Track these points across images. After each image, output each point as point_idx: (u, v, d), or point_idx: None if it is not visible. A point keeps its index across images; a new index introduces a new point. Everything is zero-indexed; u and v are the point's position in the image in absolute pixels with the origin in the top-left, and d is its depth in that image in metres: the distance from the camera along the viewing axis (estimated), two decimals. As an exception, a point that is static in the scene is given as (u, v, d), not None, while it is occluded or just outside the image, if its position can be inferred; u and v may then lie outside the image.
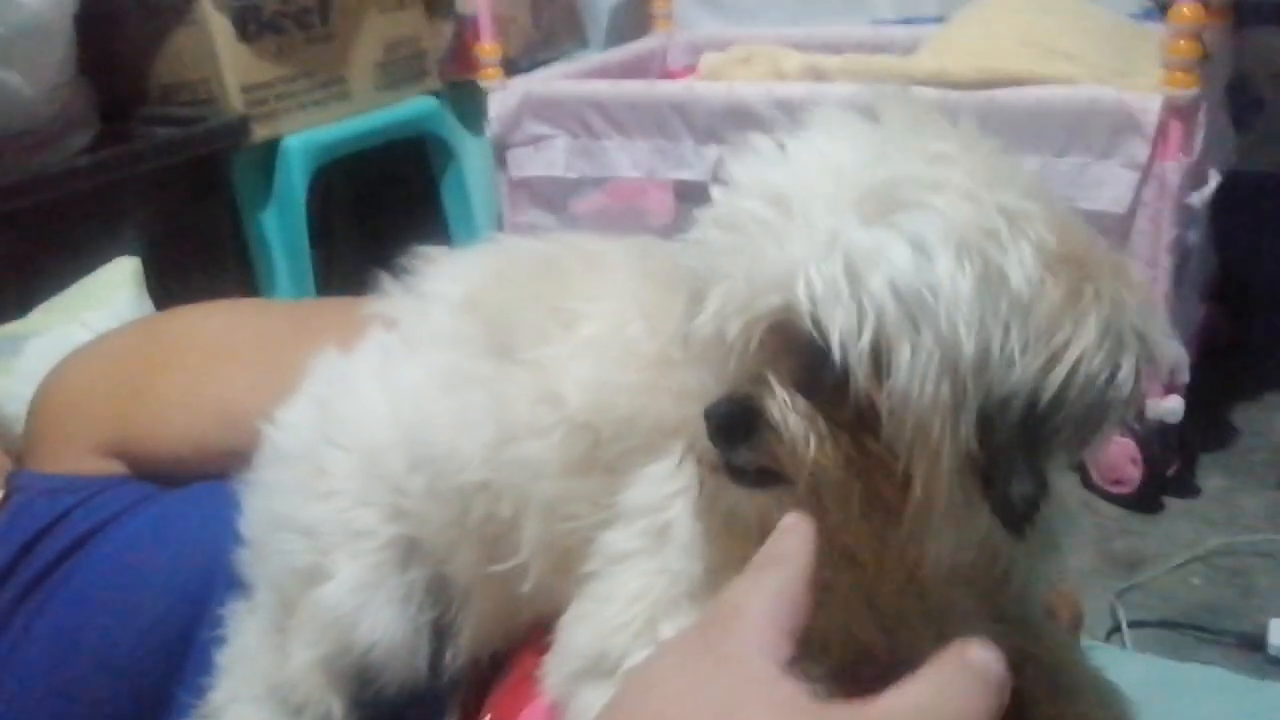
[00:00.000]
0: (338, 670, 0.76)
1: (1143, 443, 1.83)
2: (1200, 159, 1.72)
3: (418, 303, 0.80)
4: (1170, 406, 1.79)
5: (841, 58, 1.99)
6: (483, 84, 2.14)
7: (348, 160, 2.10)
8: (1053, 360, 0.53)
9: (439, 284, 0.79)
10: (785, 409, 0.56)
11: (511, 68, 2.21)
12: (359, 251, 2.39)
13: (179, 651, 0.86)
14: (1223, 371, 2.15)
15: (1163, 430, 1.82)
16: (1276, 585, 1.66)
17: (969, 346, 0.52)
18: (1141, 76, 1.73)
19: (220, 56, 1.86)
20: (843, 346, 0.53)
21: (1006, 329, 0.53)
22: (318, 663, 0.76)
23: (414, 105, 2.22)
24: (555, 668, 0.66)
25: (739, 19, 2.59)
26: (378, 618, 0.75)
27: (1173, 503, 1.89)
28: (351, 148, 2.09)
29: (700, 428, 0.58)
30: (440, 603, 0.77)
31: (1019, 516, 0.56)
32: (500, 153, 2.17)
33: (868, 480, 0.56)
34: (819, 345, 0.53)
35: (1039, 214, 0.55)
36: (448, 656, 0.78)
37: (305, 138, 1.99)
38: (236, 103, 1.88)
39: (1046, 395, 0.53)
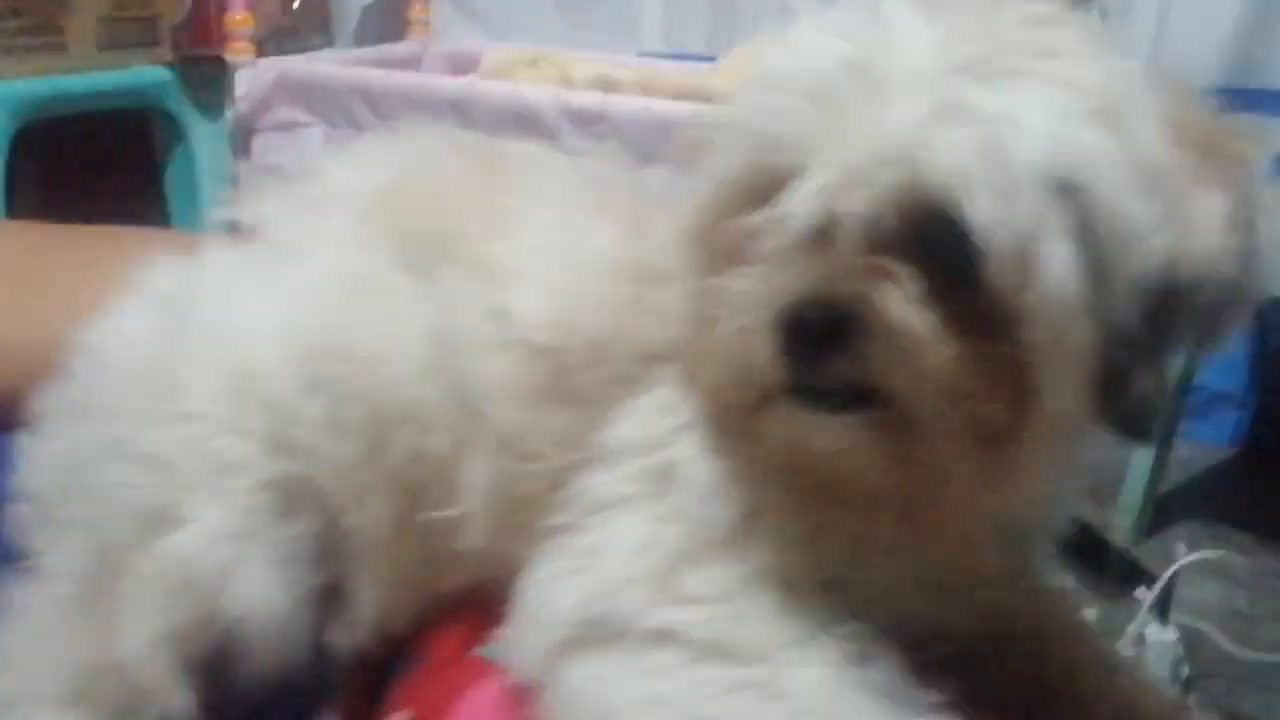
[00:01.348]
0: (189, 649, 0.57)
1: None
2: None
3: (308, 201, 0.64)
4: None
5: (633, 70, 1.92)
6: (230, 59, 1.90)
7: (59, 124, 1.79)
8: (1186, 235, 0.47)
9: (339, 179, 0.65)
10: (902, 305, 0.46)
11: (258, 48, 1.98)
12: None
13: None
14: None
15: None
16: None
17: (1117, 228, 0.45)
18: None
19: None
20: (985, 230, 0.44)
21: (1144, 204, 0.46)
22: (162, 638, 0.56)
23: (141, 73, 1.94)
24: (529, 640, 0.53)
25: (501, 35, 2.47)
26: (251, 578, 0.56)
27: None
28: (64, 108, 1.79)
29: (755, 341, 0.47)
30: (330, 564, 0.59)
31: (1143, 419, 0.49)
32: (243, 138, 1.93)
33: (988, 396, 0.46)
34: (945, 232, 0.45)
35: (1155, 79, 0.49)
36: (335, 633, 0.60)
37: (7, 87, 1.68)
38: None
39: (1180, 274, 0.47)
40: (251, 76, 1.90)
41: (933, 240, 0.46)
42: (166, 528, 0.57)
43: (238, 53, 1.90)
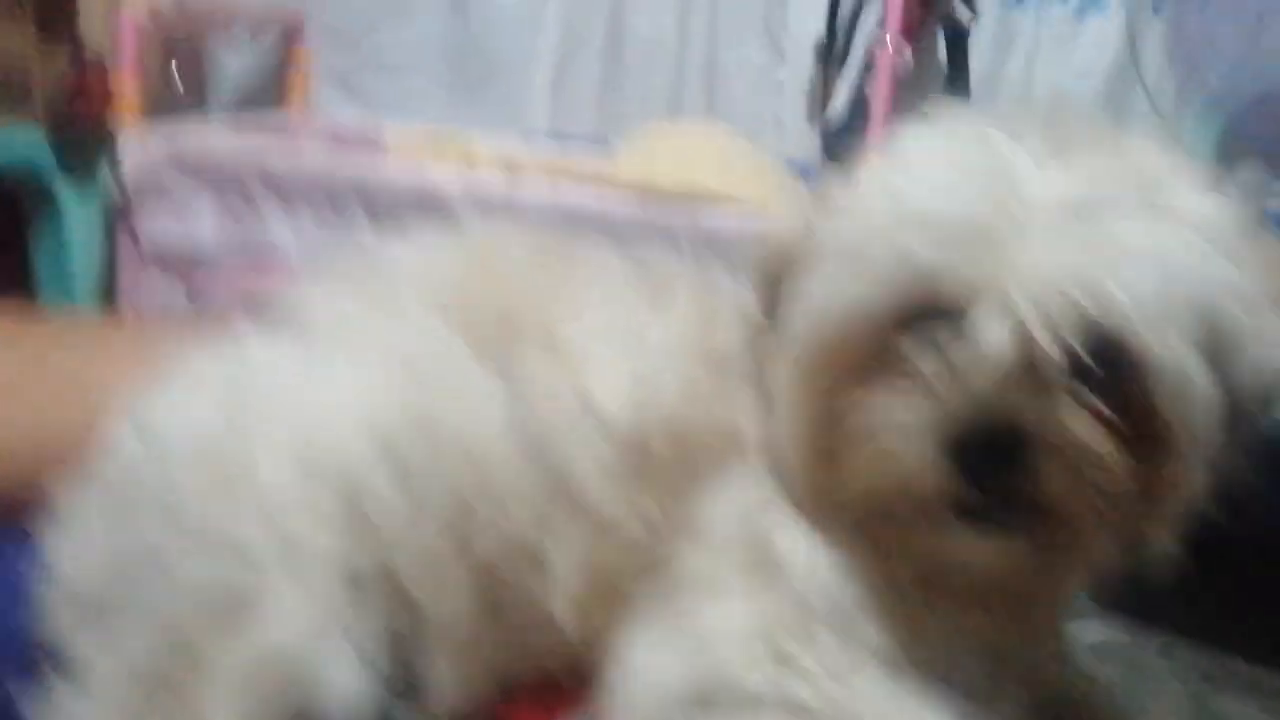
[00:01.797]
0: None
1: None
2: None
3: (361, 295, 0.63)
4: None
5: (541, 158, 1.92)
6: (114, 128, 1.81)
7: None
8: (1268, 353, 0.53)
9: (408, 268, 0.65)
10: (1077, 424, 0.50)
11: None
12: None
13: None
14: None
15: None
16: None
17: (1246, 348, 0.52)
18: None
19: None
20: (1161, 358, 0.50)
21: (1264, 323, 0.53)
22: None
23: (10, 136, 1.82)
24: (637, 702, 0.55)
25: (379, 108, 2.44)
26: (336, 672, 0.54)
27: None
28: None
29: (928, 459, 0.51)
30: (407, 649, 0.58)
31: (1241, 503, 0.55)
32: (122, 211, 1.84)
33: (1142, 507, 0.53)
34: (1123, 358, 0.50)
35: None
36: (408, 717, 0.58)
37: None
38: None
39: (1258, 387, 0.54)
40: (140, 146, 1.81)
41: (1109, 367, 0.50)
42: (246, 619, 0.54)
43: (125, 120, 1.81)
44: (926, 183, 0.53)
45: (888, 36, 1.77)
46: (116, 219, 1.84)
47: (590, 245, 0.69)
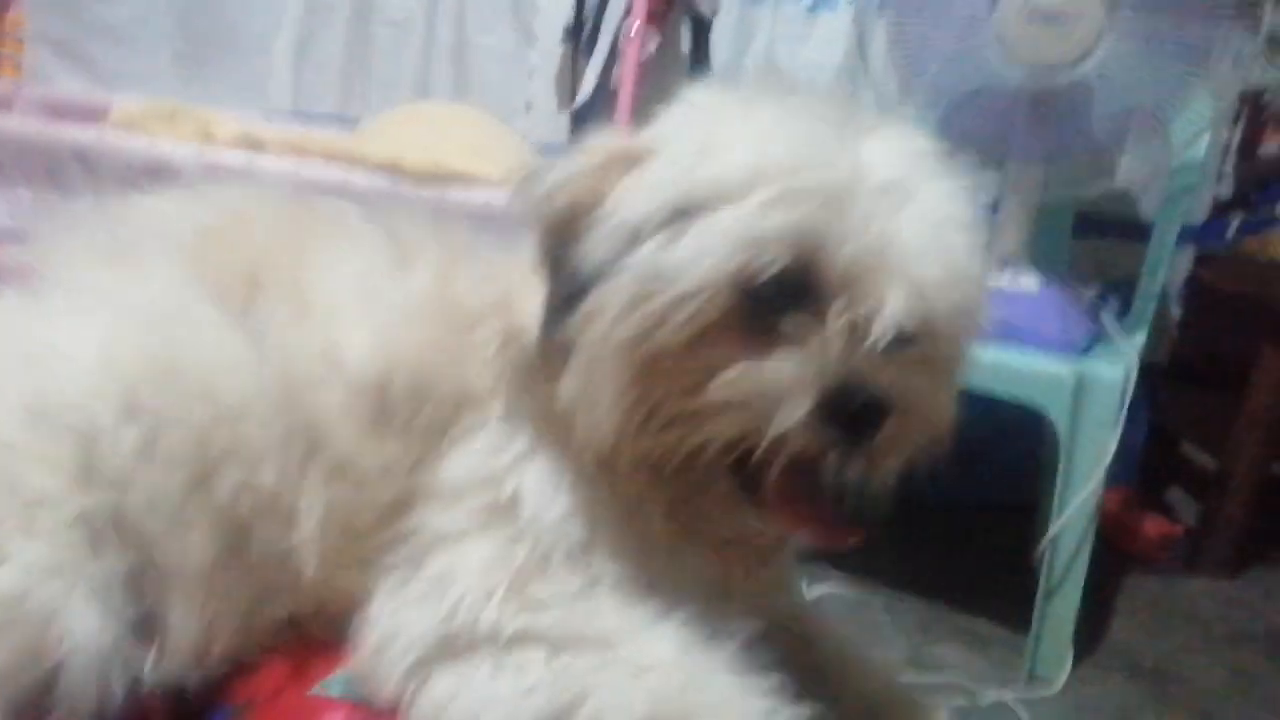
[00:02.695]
0: (12, 689, 0.53)
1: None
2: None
3: (118, 240, 0.61)
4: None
5: (278, 131, 1.86)
6: None
7: None
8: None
9: (154, 220, 0.62)
10: (922, 387, 0.58)
11: None
12: None
13: None
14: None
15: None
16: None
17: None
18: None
19: None
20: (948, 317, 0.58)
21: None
22: None
23: None
24: (385, 666, 0.56)
25: (108, 83, 2.29)
26: (74, 616, 0.53)
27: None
28: None
29: (804, 420, 0.54)
30: (146, 596, 0.57)
31: None
32: None
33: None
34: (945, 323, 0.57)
35: None
36: (149, 669, 0.57)
37: None
38: None
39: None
40: None
41: (933, 330, 0.58)
42: None
43: None
44: (781, 145, 0.56)
45: (635, 24, 1.81)
46: None
47: (339, 208, 0.68)
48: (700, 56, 2.03)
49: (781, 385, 0.54)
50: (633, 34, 1.81)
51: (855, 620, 1.96)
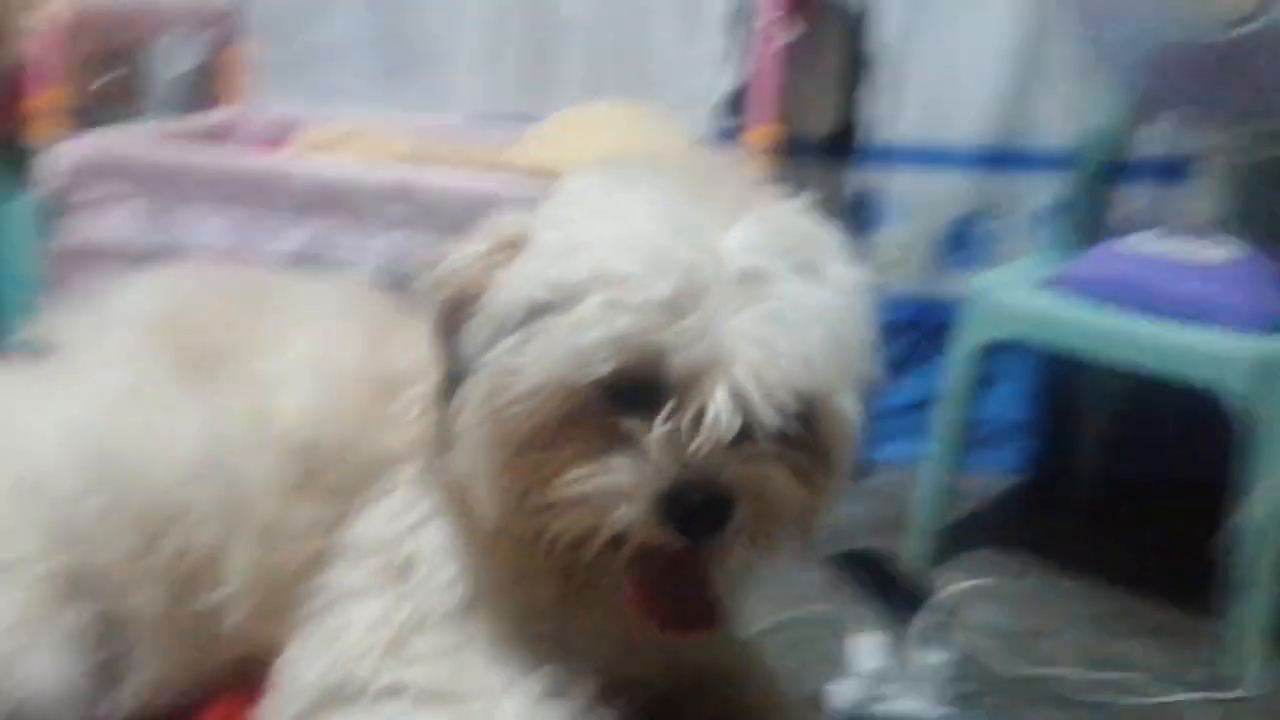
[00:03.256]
0: None
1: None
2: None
3: (94, 324, 0.72)
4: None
5: (445, 145, 2.00)
6: (37, 137, 1.90)
7: None
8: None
9: (125, 304, 0.72)
10: (779, 475, 0.61)
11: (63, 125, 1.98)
12: None
13: None
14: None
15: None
16: (829, 653, 1.83)
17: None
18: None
19: None
20: (835, 407, 0.62)
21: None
22: None
23: (-58, 152, 1.92)
24: (280, 710, 0.64)
25: (319, 99, 2.51)
26: (38, 662, 0.65)
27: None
28: None
29: (644, 518, 0.58)
30: (109, 644, 0.67)
31: None
32: (53, 215, 1.93)
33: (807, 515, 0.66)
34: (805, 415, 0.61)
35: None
36: (111, 707, 0.69)
37: None
38: None
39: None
40: (62, 154, 1.90)
41: (797, 420, 0.61)
42: None
43: (41, 133, 1.90)
44: (626, 248, 0.60)
45: (769, 14, 1.82)
46: (46, 226, 1.94)
47: (287, 279, 0.77)
48: (855, 44, 2.01)
49: (617, 486, 0.58)
50: (768, 24, 1.81)
51: (1024, 610, 1.91)
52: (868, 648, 1.75)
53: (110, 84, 2.30)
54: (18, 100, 1.96)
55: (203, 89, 2.47)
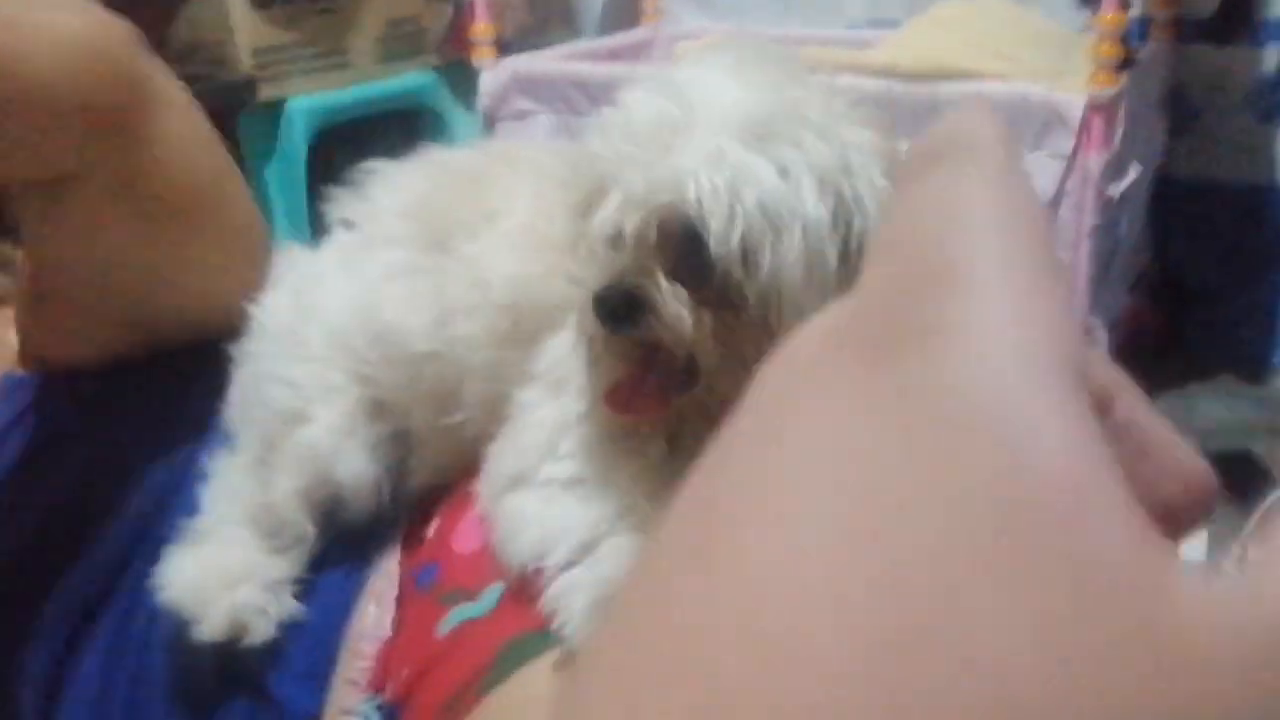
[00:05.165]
0: (315, 499, 0.93)
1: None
2: (1120, 154, 1.88)
3: (369, 208, 0.97)
4: (1087, 381, 1.94)
5: (804, 50, 2.15)
6: (476, 62, 2.30)
7: (348, 126, 2.26)
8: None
9: (385, 192, 0.96)
10: (666, 293, 0.70)
11: (505, 49, 2.36)
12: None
13: (168, 499, 1.02)
14: (1151, 361, 2.32)
15: (1081, 404, 1.97)
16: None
17: (829, 253, 0.68)
18: (1075, 78, 1.90)
19: (234, 21, 2.02)
20: (718, 243, 0.67)
21: (861, 243, 0.68)
22: (298, 491, 0.92)
23: (411, 79, 2.38)
24: (485, 487, 0.84)
25: (723, 16, 2.75)
26: (351, 460, 0.91)
27: (1089, 473, 2.04)
28: (352, 113, 2.25)
29: (589, 310, 0.72)
30: (400, 449, 0.94)
31: None
32: (489, 127, 2.33)
33: (737, 350, 0.71)
34: (698, 240, 0.67)
35: (885, 149, 0.70)
36: (404, 488, 0.95)
37: (308, 101, 2.16)
38: (246, 64, 2.05)
39: None
40: (492, 76, 2.29)
41: (687, 247, 0.69)
42: (300, 424, 0.92)
43: (482, 56, 2.30)
44: (631, 108, 0.72)
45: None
46: (485, 134, 2.34)
47: (514, 147, 0.97)
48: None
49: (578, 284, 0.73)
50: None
51: None
52: (1198, 541, 1.72)
53: (547, 6, 2.67)
54: (465, 30, 2.37)
55: (625, 8, 2.79)
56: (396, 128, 2.41)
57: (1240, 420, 2.21)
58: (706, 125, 0.67)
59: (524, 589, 0.77)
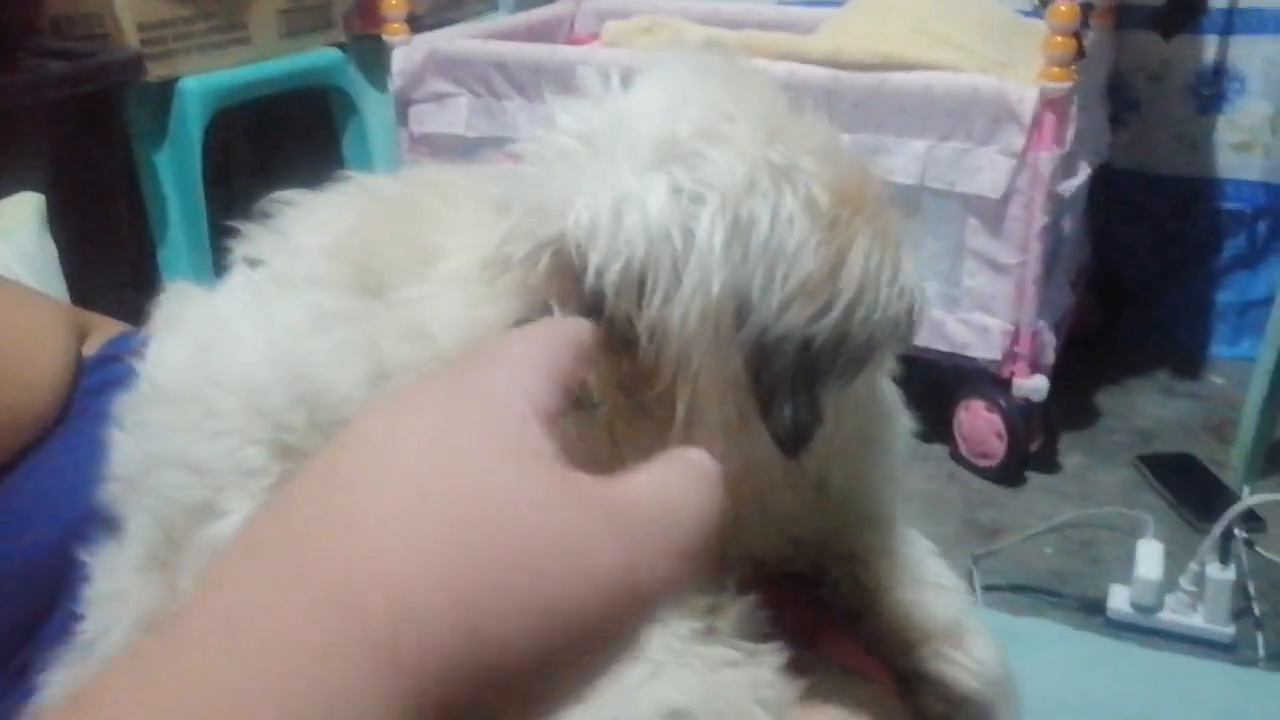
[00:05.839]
0: None
1: (1008, 419, 1.92)
2: (1072, 151, 1.80)
3: (286, 245, 0.83)
4: (1035, 385, 1.88)
5: (741, 34, 2.03)
6: (387, 39, 2.13)
7: (249, 106, 2.09)
8: (822, 309, 0.58)
9: (305, 228, 0.83)
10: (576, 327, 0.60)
11: (418, 25, 2.21)
12: (256, 198, 2.38)
13: (54, 588, 0.87)
14: (1089, 357, 2.27)
15: (1027, 408, 1.91)
16: (1122, 556, 1.76)
17: (723, 289, 0.57)
18: (1023, 69, 1.81)
19: (116, -9, 1.84)
20: (598, 275, 0.57)
21: (770, 278, 0.58)
22: None
23: (317, 56, 2.21)
24: None
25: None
26: None
27: (1034, 477, 2.00)
28: (251, 93, 2.07)
29: None
30: None
31: (793, 440, 0.60)
32: (403, 108, 2.18)
33: (632, 393, 0.61)
34: (583, 273, 0.58)
35: (814, 172, 0.59)
36: None
37: (203, 80, 1.98)
38: (132, 39, 1.86)
39: (818, 340, 0.58)
40: (405, 54, 2.13)
41: (579, 280, 0.59)
42: (210, 519, 0.76)
43: (393, 33, 2.13)
44: (564, 127, 0.62)
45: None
46: (398, 116, 2.19)
47: (445, 174, 0.84)
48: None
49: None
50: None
51: None
52: (1153, 555, 1.68)
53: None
54: (374, 4, 2.20)
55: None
56: (300, 111, 2.24)
57: (1180, 419, 2.17)
58: (612, 148, 0.59)
59: None
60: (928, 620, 0.72)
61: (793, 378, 0.59)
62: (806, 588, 0.74)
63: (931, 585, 0.74)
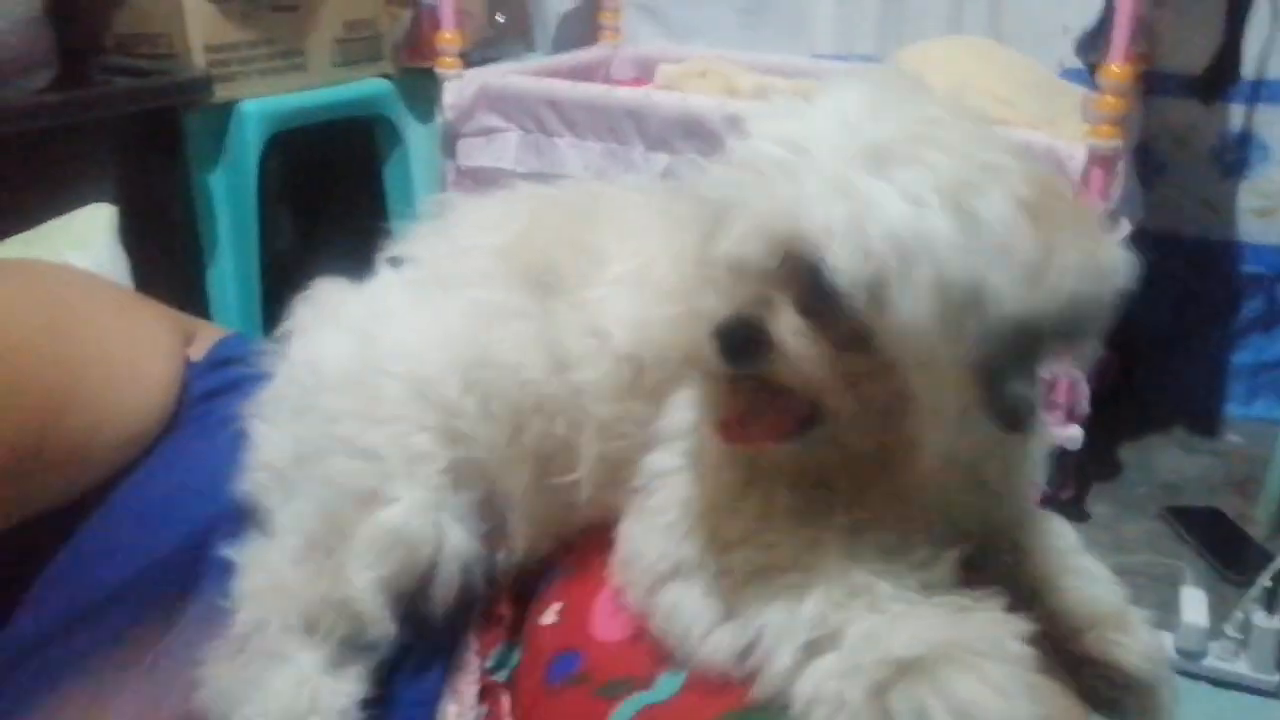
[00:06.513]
0: (400, 590, 0.78)
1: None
2: (1116, 208, 1.86)
3: (451, 245, 0.85)
4: (1071, 434, 1.92)
5: (792, 82, 2.08)
6: (439, 72, 2.17)
7: (297, 132, 2.10)
8: (1044, 292, 0.61)
9: (474, 229, 0.85)
10: (789, 329, 0.63)
11: (464, 60, 2.24)
12: (298, 222, 2.39)
13: (185, 586, 0.86)
14: (1110, 412, 2.32)
15: (1061, 457, 1.95)
16: (1156, 603, 1.79)
17: (958, 283, 0.60)
18: (1067, 126, 1.87)
19: (186, 13, 1.85)
20: (845, 279, 0.60)
21: (997, 267, 0.61)
22: (379, 583, 0.77)
23: (367, 85, 2.24)
24: (631, 576, 0.73)
25: (683, 37, 2.67)
26: (443, 536, 0.78)
27: (1064, 525, 2.02)
28: (305, 119, 2.09)
29: (708, 344, 0.64)
30: (492, 517, 0.81)
31: (1019, 415, 0.64)
32: (450, 141, 2.21)
33: (862, 391, 0.64)
34: (821, 274, 0.60)
35: (1016, 169, 0.63)
36: (499, 563, 0.83)
37: (262, 104, 2.00)
38: (199, 60, 1.88)
39: (1036, 319, 0.61)
40: (457, 88, 2.16)
41: (811, 280, 0.61)
42: (379, 505, 0.78)
43: (446, 66, 2.16)
44: (757, 137, 0.65)
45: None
46: (444, 149, 2.21)
47: (621, 191, 0.87)
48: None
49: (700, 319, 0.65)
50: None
51: None
52: (1197, 602, 1.71)
53: (506, 17, 2.55)
54: (424, 37, 2.24)
55: (582, 26, 2.69)
56: (342, 139, 2.26)
57: (1202, 475, 2.22)
58: (829, 151, 0.62)
59: (712, 674, 0.67)
60: (1093, 607, 0.75)
61: (1017, 354, 0.62)
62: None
63: (1089, 576, 0.77)
